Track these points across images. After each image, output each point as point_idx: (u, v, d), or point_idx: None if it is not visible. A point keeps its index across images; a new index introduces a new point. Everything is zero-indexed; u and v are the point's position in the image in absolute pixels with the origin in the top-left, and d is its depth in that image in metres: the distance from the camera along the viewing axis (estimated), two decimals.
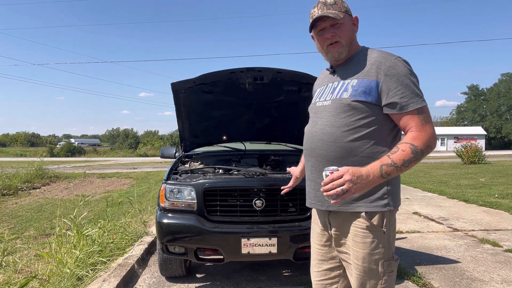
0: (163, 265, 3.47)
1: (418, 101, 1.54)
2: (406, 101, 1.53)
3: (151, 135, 73.93)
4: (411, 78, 1.55)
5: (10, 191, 11.56)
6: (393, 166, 1.46)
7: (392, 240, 1.66)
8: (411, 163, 1.49)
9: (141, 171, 17.84)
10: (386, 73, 1.55)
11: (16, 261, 3.94)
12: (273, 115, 4.07)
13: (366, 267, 1.61)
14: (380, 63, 1.57)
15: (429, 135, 1.52)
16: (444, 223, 5.96)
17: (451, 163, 21.14)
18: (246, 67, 3.19)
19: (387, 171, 1.46)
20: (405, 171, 1.53)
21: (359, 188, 1.43)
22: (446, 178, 12.66)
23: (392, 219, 1.65)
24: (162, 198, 3.13)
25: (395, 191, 1.64)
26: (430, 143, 1.53)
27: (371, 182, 1.45)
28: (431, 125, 1.55)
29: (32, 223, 6.93)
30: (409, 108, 1.53)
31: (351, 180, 1.40)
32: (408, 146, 1.49)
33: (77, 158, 41.20)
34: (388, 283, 1.63)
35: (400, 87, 1.53)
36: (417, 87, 1.57)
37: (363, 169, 1.45)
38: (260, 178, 3.13)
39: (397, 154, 1.48)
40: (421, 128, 1.52)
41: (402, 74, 1.55)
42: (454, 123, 68.18)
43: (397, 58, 1.59)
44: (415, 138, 1.51)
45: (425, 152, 1.52)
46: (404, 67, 1.56)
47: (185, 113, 3.76)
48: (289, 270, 3.82)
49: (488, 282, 3.46)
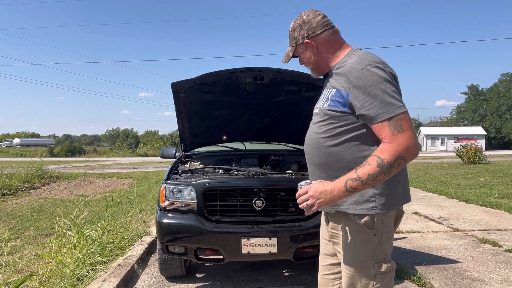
0: (163, 265, 3.47)
1: (389, 110, 1.47)
2: (374, 112, 1.49)
3: (151, 135, 73.89)
4: (380, 87, 1.49)
5: (10, 191, 11.56)
6: (358, 180, 1.47)
7: (385, 242, 1.64)
8: (377, 177, 1.46)
9: (141, 171, 17.84)
10: (354, 84, 1.53)
11: (16, 261, 3.94)
12: (273, 115, 4.07)
13: (356, 267, 1.63)
14: (350, 73, 1.56)
15: (400, 145, 1.45)
16: (444, 223, 5.96)
17: (451, 163, 21.14)
18: (246, 67, 3.19)
19: (352, 185, 1.48)
20: (375, 184, 1.51)
21: (324, 202, 1.52)
22: (446, 178, 12.66)
23: (386, 222, 1.63)
24: (162, 198, 3.13)
25: (387, 194, 1.60)
26: (402, 154, 1.45)
27: (336, 196, 1.51)
28: (405, 134, 1.46)
29: (32, 223, 6.93)
30: (378, 119, 1.49)
31: (313, 196, 1.52)
32: (375, 160, 1.46)
33: (77, 158, 41.17)
34: (381, 284, 1.62)
35: (367, 98, 1.50)
36: (389, 94, 1.49)
37: (328, 185, 1.53)
38: (260, 178, 3.13)
39: (363, 168, 1.47)
40: (391, 139, 1.46)
41: (369, 84, 1.50)
42: (454, 123, 68.13)
43: (366, 66, 1.53)
44: (383, 150, 1.47)
45: (394, 165, 1.45)
46: (372, 76, 1.50)
47: (185, 113, 3.76)
48: (289, 270, 3.82)
49: (488, 282, 3.47)
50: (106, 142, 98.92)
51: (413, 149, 1.47)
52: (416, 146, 1.49)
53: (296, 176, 3.23)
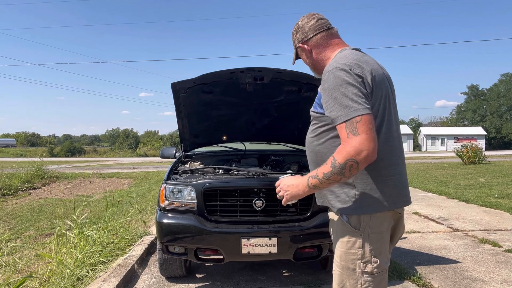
0: (163, 265, 3.47)
1: (347, 112, 1.48)
2: (334, 114, 1.53)
3: (151, 135, 73.89)
4: (341, 90, 1.51)
5: (10, 191, 11.56)
6: (316, 178, 1.56)
7: (373, 243, 1.62)
8: (331, 177, 1.50)
9: (141, 171, 17.83)
10: (322, 87, 1.63)
11: (16, 261, 3.94)
12: (273, 115, 4.07)
13: (343, 265, 1.65)
14: (323, 76, 1.65)
15: (351, 147, 1.44)
16: (444, 223, 5.96)
17: (451, 163, 21.14)
18: (246, 67, 3.20)
19: (312, 182, 1.58)
20: (331, 184, 1.56)
21: (290, 196, 1.68)
22: (446, 178, 12.66)
23: (374, 223, 1.62)
24: (162, 198, 3.13)
25: (367, 196, 1.60)
26: (351, 156, 1.44)
27: (300, 191, 1.64)
28: (359, 137, 1.44)
29: (32, 223, 6.92)
30: (337, 122, 1.52)
31: (282, 188, 1.72)
32: (330, 160, 1.51)
33: (77, 158, 41.21)
34: (369, 285, 1.61)
35: (330, 101, 1.55)
36: (348, 97, 1.49)
37: (296, 179, 1.67)
38: (260, 178, 3.13)
39: (322, 167, 1.54)
40: (345, 141, 1.48)
41: (331, 87, 1.55)
42: (454, 123, 68.15)
43: (332, 69, 1.57)
44: (338, 151, 1.50)
45: (346, 167, 1.46)
46: (335, 79, 1.54)
47: (185, 113, 3.76)
48: (289, 270, 3.82)
49: (488, 282, 3.47)
50: (106, 142, 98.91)
51: (365, 153, 1.44)
52: (371, 150, 1.45)
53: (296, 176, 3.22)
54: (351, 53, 1.65)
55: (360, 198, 1.61)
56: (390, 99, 1.68)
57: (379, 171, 1.60)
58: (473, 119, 64.69)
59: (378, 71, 1.64)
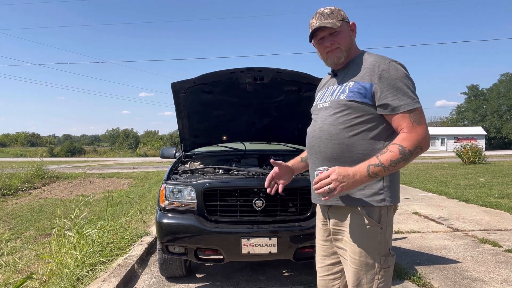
0: (163, 265, 3.47)
1: (410, 103, 1.58)
2: (397, 103, 1.58)
3: (151, 135, 73.87)
4: (404, 81, 1.60)
5: (10, 191, 11.55)
6: (380, 166, 1.54)
7: (389, 236, 1.70)
8: (398, 164, 1.54)
9: (141, 171, 17.83)
10: (380, 76, 1.61)
11: (16, 261, 3.94)
12: (273, 115, 4.06)
13: (362, 261, 1.65)
14: (375, 66, 1.63)
15: (419, 136, 1.56)
16: (444, 223, 5.96)
17: (451, 163, 21.14)
18: (246, 67, 3.19)
19: (374, 171, 1.54)
20: (394, 171, 1.59)
21: (346, 186, 1.53)
22: (446, 178, 12.66)
23: (390, 216, 1.69)
24: (162, 198, 3.13)
25: (392, 187, 1.67)
26: (420, 144, 1.56)
27: (357, 181, 1.54)
28: (423, 126, 1.58)
29: (32, 223, 6.92)
30: (400, 110, 1.58)
31: (337, 179, 1.52)
32: (397, 147, 1.54)
33: (77, 158, 41.19)
34: (384, 278, 1.66)
35: (391, 90, 1.59)
36: (410, 89, 1.60)
37: (350, 169, 1.55)
38: (260, 178, 3.13)
39: (385, 155, 1.54)
40: (411, 129, 1.57)
41: (395, 77, 1.59)
42: (454, 123, 68.11)
43: (391, 61, 1.63)
44: (404, 139, 1.56)
45: (414, 153, 1.56)
46: (397, 71, 1.61)
47: (185, 113, 3.75)
48: (289, 270, 3.82)
49: (488, 282, 3.46)
50: (106, 142, 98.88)
51: (428, 141, 1.59)
52: (429, 139, 1.61)
53: (296, 176, 3.22)
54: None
55: (388, 191, 1.66)
56: None
57: None
58: (473, 119, 64.68)
59: None
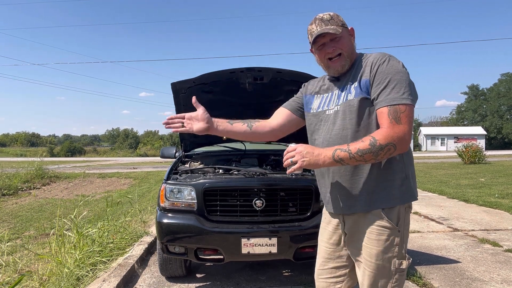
0: (163, 265, 3.47)
1: (397, 99, 1.51)
2: (383, 97, 1.54)
3: (151, 135, 73.87)
4: (397, 76, 1.54)
5: (10, 191, 11.56)
6: (346, 152, 1.51)
7: (406, 240, 1.69)
8: (365, 154, 1.49)
9: (141, 171, 17.83)
10: (376, 70, 1.59)
11: (16, 261, 3.94)
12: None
13: (379, 264, 1.64)
14: (373, 62, 1.62)
15: (396, 134, 1.49)
16: (444, 223, 5.96)
17: (451, 163, 21.13)
18: (246, 67, 3.19)
19: (339, 155, 1.52)
20: (360, 161, 1.53)
21: (307, 162, 1.54)
22: (446, 178, 12.66)
23: (407, 219, 1.69)
24: (162, 198, 3.13)
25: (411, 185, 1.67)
26: (394, 141, 1.49)
27: (320, 160, 1.54)
28: (404, 126, 1.50)
29: (32, 223, 6.92)
30: (382, 104, 1.53)
31: (300, 153, 1.55)
32: (369, 139, 1.50)
33: (77, 158, 41.21)
34: (399, 282, 1.66)
35: (381, 84, 1.55)
36: (403, 85, 1.53)
37: (317, 149, 1.57)
38: (260, 178, 3.13)
39: (356, 143, 1.52)
40: (389, 126, 1.50)
41: (387, 71, 1.56)
42: (454, 123, 68.11)
43: (389, 57, 1.61)
44: (379, 133, 1.51)
45: (384, 149, 1.48)
46: (391, 66, 1.57)
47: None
48: (289, 270, 3.82)
49: (488, 282, 3.46)
50: (106, 142, 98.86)
51: (405, 143, 1.52)
52: (409, 142, 1.53)
53: (296, 176, 3.23)
54: None
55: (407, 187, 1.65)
56: None
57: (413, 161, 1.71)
58: (473, 119, 64.66)
59: None
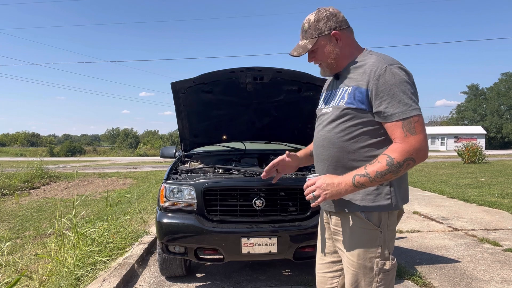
0: (163, 265, 3.47)
1: (405, 111, 1.49)
2: (391, 111, 1.51)
3: (151, 134, 73.94)
4: (401, 87, 1.51)
5: (10, 191, 11.55)
6: (366, 176, 1.51)
7: (390, 241, 1.66)
8: (385, 175, 1.49)
9: (141, 171, 17.84)
10: (375, 81, 1.54)
11: (16, 261, 3.94)
12: (273, 115, 4.06)
13: (360, 264, 1.64)
14: (371, 71, 1.56)
15: (411, 147, 1.48)
16: (444, 222, 5.96)
17: (451, 162, 21.14)
18: (246, 67, 3.19)
19: (360, 181, 1.52)
20: (382, 182, 1.54)
21: (329, 194, 1.56)
22: (446, 178, 12.66)
23: (391, 220, 1.66)
24: (162, 198, 3.13)
25: (398, 192, 1.64)
26: (411, 155, 1.48)
27: (342, 190, 1.55)
28: (417, 136, 1.49)
29: (32, 223, 6.93)
30: (393, 119, 1.51)
31: (320, 187, 1.57)
32: (385, 158, 1.49)
33: (77, 158, 41.15)
34: (384, 283, 1.64)
35: (386, 97, 1.52)
36: (408, 95, 1.51)
37: (336, 178, 1.57)
38: (260, 178, 3.12)
39: (373, 165, 1.51)
40: (403, 140, 1.49)
41: (390, 83, 1.52)
42: (454, 123, 68.10)
43: (389, 65, 1.55)
44: (394, 150, 1.50)
45: (403, 165, 1.48)
46: (393, 76, 1.52)
47: (185, 113, 3.75)
48: (289, 270, 3.82)
49: (488, 281, 3.47)
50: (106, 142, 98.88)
51: (423, 152, 1.50)
52: (427, 149, 1.52)
53: (296, 176, 3.23)
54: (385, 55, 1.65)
55: (394, 195, 1.62)
56: None
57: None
58: (473, 118, 64.68)
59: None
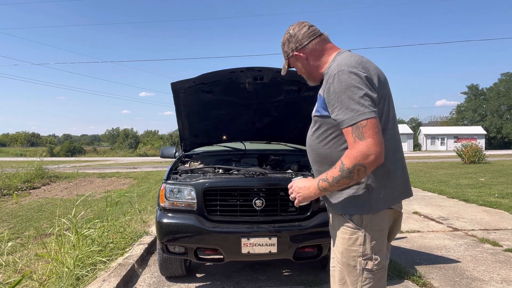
0: (163, 265, 3.47)
1: (353, 117, 1.48)
2: (341, 117, 1.53)
3: (151, 135, 73.89)
4: (347, 93, 1.51)
5: (10, 191, 11.55)
6: (326, 181, 1.59)
7: (373, 240, 1.65)
8: (340, 181, 1.54)
9: (141, 171, 17.84)
10: (326, 90, 1.60)
11: (16, 261, 3.94)
12: (273, 115, 4.07)
13: (344, 262, 1.69)
14: (326, 80, 1.63)
15: (358, 152, 1.46)
16: (444, 222, 5.96)
17: (451, 162, 21.14)
18: (246, 67, 3.19)
19: (322, 185, 1.61)
20: (340, 187, 1.60)
21: (302, 197, 1.70)
22: (446, 178, 12.66)
23: (375, 221, 1.66)
24: (162, 198, 3.13)
25: (375, 195, 1.62)
26: (359, 161, 1.47)
27: (312, 193, 1.67)
28: (365, 141, 1.46)
29: (32, 223, 6.93)
30: (343, 125, 1.53)
31: (294, 190, 1.75)
32: (339, 164, 1.54)
33: (77, 158, 41.14)
34: (369, 282, 1.65)
35: (336, 104, 1.54)
36: (355, 100, 1.49)
37: (308, 181, 1.69)
38: (260, 178, 3.13)
39: (331, 171, 1.57)
40: (352, 145, 1.50)
41: (338, 90, 1.54)
42: (454, 123, 68.08)
43: (338, 72, 1.56)
44: (346, 156, 1.52)
45: (354, 172, 1.49)
46: (340, 83, 1.53)
47: (185, 113, 3.76)
48: (289, 270, 3.82)
49: (488, 281, 3.47)
50: (106, 142, 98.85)
51: (372, 157, 1.46)
52: (378, 153, 1.47)
53: (296, 175, 3.23)
54: (351, 55, 1.66)
55: (369, 199, 1.63)
56: (391, 97, 1.72)
57: (388, 167, 1.63)
58: (473, 118, 64.65)
59: (379, 70, 1.67)
